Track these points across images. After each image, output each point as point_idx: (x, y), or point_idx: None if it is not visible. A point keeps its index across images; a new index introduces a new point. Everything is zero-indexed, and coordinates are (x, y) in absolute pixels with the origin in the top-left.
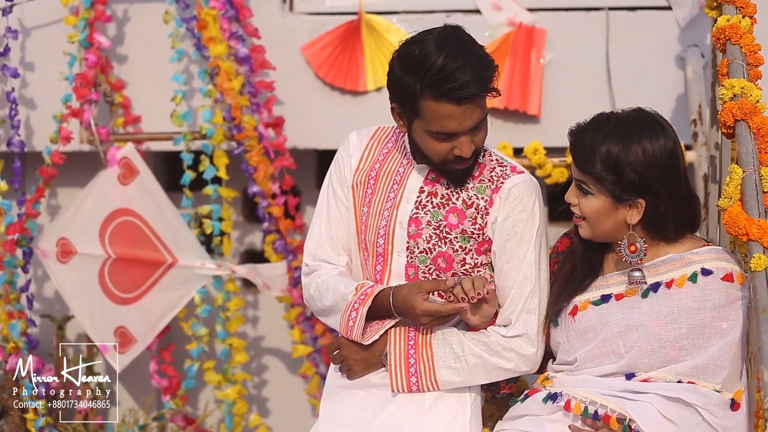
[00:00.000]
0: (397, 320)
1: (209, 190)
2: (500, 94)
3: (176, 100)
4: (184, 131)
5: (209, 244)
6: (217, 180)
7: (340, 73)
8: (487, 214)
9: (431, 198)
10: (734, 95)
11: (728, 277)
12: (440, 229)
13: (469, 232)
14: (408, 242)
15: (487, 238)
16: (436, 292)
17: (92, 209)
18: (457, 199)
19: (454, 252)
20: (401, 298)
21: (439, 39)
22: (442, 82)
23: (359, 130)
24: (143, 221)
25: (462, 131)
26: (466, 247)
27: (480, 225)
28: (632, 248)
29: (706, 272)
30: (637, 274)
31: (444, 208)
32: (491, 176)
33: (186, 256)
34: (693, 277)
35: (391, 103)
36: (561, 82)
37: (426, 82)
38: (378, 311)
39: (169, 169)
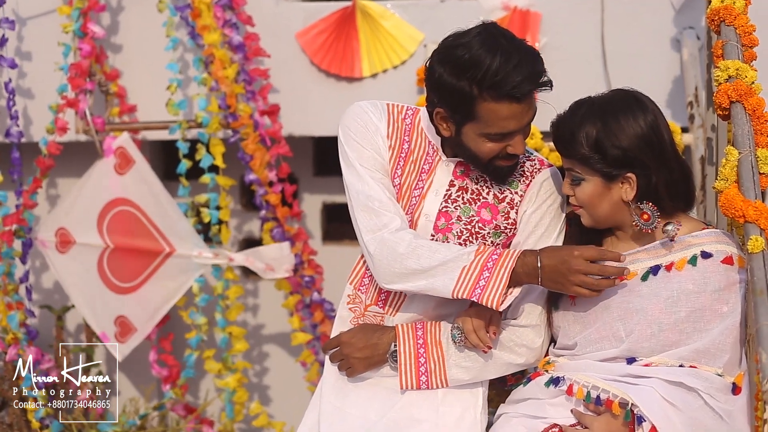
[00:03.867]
0: (521, 289)
1: (206, 178)
2: (553, 87)
3: (171, 89)
4: (179, 120)
5: (207, 232)
6: (213, 168)
7: (335, 59)
8: (519, 207)
9: (462, 193)
10: (729, 77)
11: (728, 260)
12: (472, 224)
13: (502, 227)
14: (433, 235)
15: (516, 232)
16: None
17: (90, 199)
18: (488, 194)
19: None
20: (555, 253)
21: (485, 39)
22: (503, 83)
23: (371, 102)
24: (140, 211)
25: (519, 129)
26: (495, 242)
27: (513, 219)
28: (645, 216)
29: (706, 255)
30: (670, 227)
31: (475, 203)
32: (522, 170)
33: (183, 245)
34: (693, 260)
35: (434, 107)
36: (556, 65)
37: (486, 84)
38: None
39: (165, 158)
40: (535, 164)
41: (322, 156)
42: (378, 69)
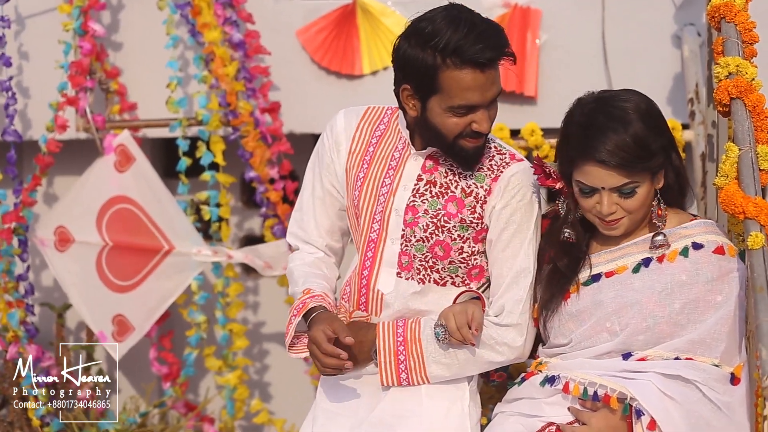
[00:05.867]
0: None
1: (207, 176)
2: (516, 62)
3: (172, 87)
4: (180, 118)
5: (208, 230)
6: (214, 166)
7: (335, 57)
8: (486, 203)
9: (430, 187)
10: (729, 73)
11: (719, 250)
12: (438, 218)
13: (467, 221)
14: (404, 230)
15: (485, 227)
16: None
17: (89, 197)
18: (456, 188)
19: (452, 241)
20: (316, 320)
21: (449, 12)
22: (465, 48)
23: (348, 109)
24: (140, 208)
25: (483, 103)
26: (464, 236)
27: (479, 214)
28: (659, 212)
29: (697, 246)
30: (660, 237)
31: (443, 197)
32: (490, 164)
33: (182, 243)
34: (684, 252)
35: (400, 85)
36: (557, 62)
37: (448, 51)
38: None
39: (166, 156)
40: (505, 158)
41: None
42: (378, 66)
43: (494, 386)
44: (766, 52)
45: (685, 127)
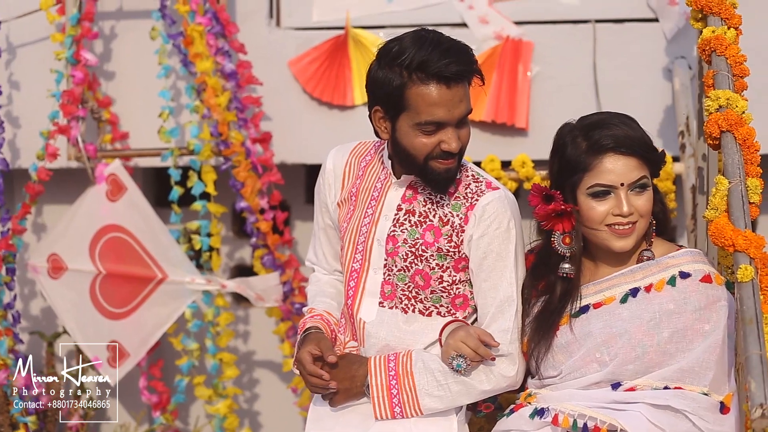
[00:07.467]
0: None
1: (198, 205)
2: (484, 82)
3: (163, 116)
4: (171, 147)
5: (199, 259)
6: (205, 196)
7: (327, 87)
8: (463, 231)
9: (409, 216)
10: (720, 106)
11: (706, 279)
12: (416, 247)
13: (444, 250)
14: (386, 260)
15: (464, 256)
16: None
17: (81, 226)
18: (434, 217)
19: (431, 270)
20: (305, 340)
21: (417, 33)
22: (430, 63)
23: (339, 147)
24: (132, 237)
25: (450, 121)
26: (442, 265)
27: (456, 243)
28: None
29: (684, 275)
30: (648, 251)
31: (421, 226)
32: (466, 193)
33: (176, 271)
34: (672, 281)
35: (371, 108)
36: (548, 94)
37: (413, 66)
38: None
39: (157, 185)
40: (481, 186)
41: (314, 183)
42: None
43: (483, 417)
44: (756, 85)
45: (675, 159)
